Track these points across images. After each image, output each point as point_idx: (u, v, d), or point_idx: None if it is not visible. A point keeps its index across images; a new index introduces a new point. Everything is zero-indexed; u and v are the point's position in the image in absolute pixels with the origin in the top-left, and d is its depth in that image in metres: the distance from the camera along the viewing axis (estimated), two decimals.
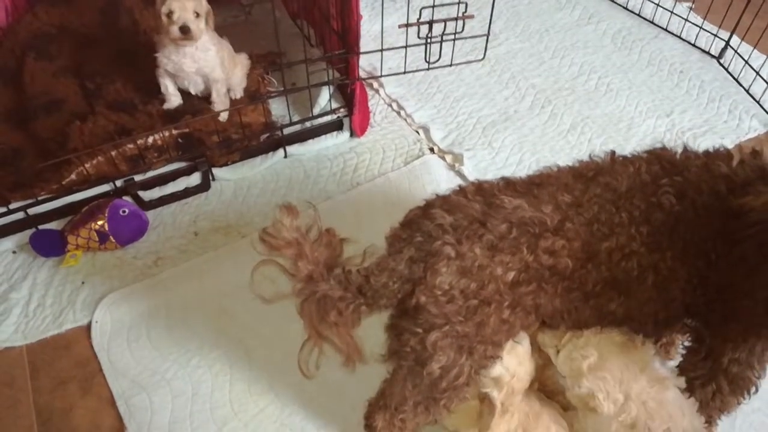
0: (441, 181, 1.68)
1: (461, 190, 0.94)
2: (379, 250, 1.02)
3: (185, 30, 1.50)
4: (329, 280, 0.95)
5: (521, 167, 1.70)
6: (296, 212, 1.01)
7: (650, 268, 0.90)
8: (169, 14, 1.50)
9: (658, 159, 0.95)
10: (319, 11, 1.77)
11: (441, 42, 1.59)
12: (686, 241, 0.89)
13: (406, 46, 1.60)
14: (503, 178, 0.95)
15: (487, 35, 1.64)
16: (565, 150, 1.74)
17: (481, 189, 0.93)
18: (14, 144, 1.66)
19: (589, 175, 0.94)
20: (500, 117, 1.85)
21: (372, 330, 1.06)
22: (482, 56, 1.70)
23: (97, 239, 1.48)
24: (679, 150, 0.97)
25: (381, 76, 1.67)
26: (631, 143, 1.75)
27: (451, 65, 1.67)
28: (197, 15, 1.53)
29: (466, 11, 1.53)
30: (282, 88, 1.73)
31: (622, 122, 1.82)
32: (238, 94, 1.78)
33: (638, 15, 2.21)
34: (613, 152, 0.99)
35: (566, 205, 0.89)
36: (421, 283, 0.88)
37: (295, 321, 1.05)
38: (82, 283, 1.46)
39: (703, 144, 1.74)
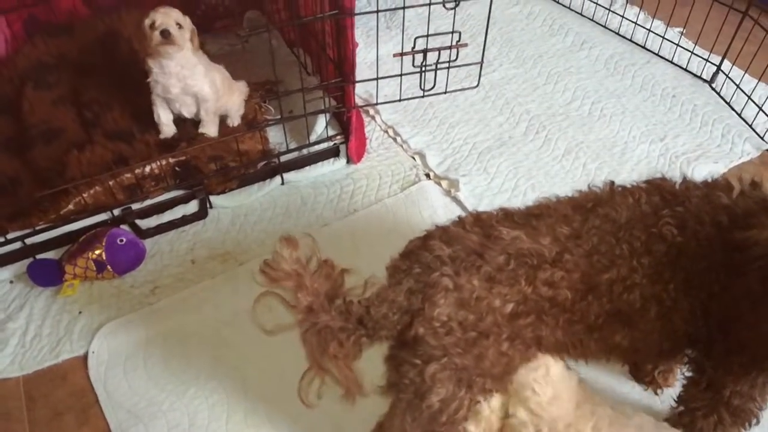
0: (437, 206, 1.69)
1: (460, 221, 0.95)
2: (379, 280, 1.02)
3: (166, 34, 1.52)
4: (330, 311, 0.95)
5: (517, 193, 1.71)
6: (296, 244, 1.02)
7: (653, 300, 0.90)
8: (152, 25, 1.52)
9: (658, 189, 0.96)
10: (316, 40, 1.79)
11: (435, 70, 1.61)
12: (688, 273, 0.90)
13: (401, 75, 1.62)
14: (502, 209, 0.96)
15: (481, 63, 1.66)
16: (560, 175, 1.76)
17: (480, 220, 0.94)
18: (12, 173, 1.66)
19: (588, 206, 0.95)
20: (495, 143, 1.86)
21: (372, 362, 1.06)
22: (476, 83, 1.72)
23: (94, 269, 1.48)
24: (679, 180, 0.98)
25: (377, 103, 1.68)
26: (626, 168, 1.76)
27: (446, 92, 1.69)
28: (180, 26, 1.55)
29: (459, 40, 1.55)
30: (279, 116, 1.74)
31: (616, 147, 1.84)
32: (236, 121, 1.79)
33: (630, 40, 2.24)
34: (612, 182, 1.00)
35: (565, 236, 0.90)
36: (419, 314, 0.88)
37: (293, 351, 1.05)
38: (80, 312, 1.46)
39: (697, 168, 1.75)
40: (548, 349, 0.95)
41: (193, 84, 1.62)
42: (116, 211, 1.58)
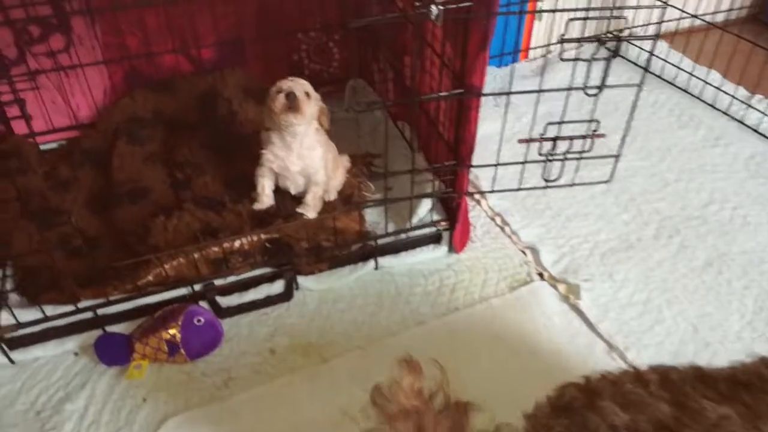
0: (553, 314, 1.46)
1: (638, 377, 0.73)
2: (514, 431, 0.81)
3: (291, 97, 1.39)
4: None
5: (650, 308, 1.46)
6: (420, 371, 0.82)
7: None
8: (278, 91, 1.41)
9: None
10: (427, 117, 1.64)
11: (564, 160, 1.42)
12: None
13: (524, 162, 1.44)
14: (694, 368, 0.74)
15: (617, 156, 1.46)
16: (701, 291, 1.50)
17: (668, 380, 0.71)
18: (92, 232, 1.56)
19: None
20: (621, 244, 1.63)
21: None
22: (608, 178, 1.51)
23: (166, 350, 1.33)
24: None
25: (493, 191, 1.50)
26: None
27: (572, 185, 1.49)
28: (308, 96, 1.44)
29: (597, 129, 1.37)
30: (379, 195, 1.59)
31: (766, 264, 1.57)
32: (332, 196, 1.65)
33: None
34: None
35: None
36: None
37: None
38: (144, 400, 1.29)
39: None
40: None
41: (310, 165, 1.50)
42: (197, 286, 1.43)
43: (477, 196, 1.80)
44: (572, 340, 1.40)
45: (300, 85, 1.44)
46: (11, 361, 1.36)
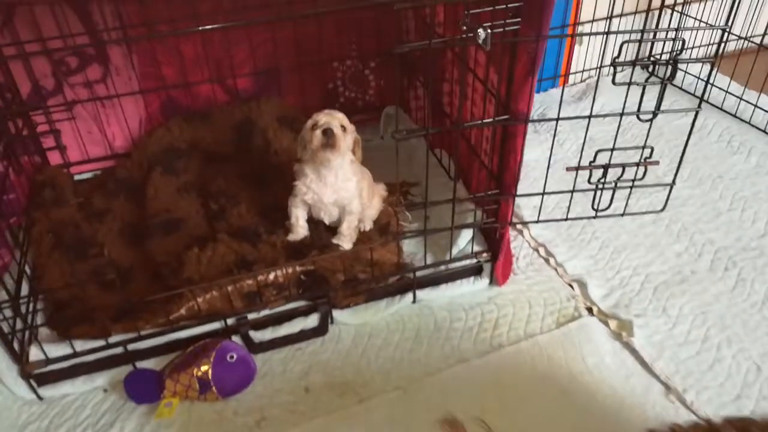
0: (604, 353, 1.37)
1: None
2: None
3: (329, 133, 1.35)
4: None
5: (708, 346, 1.36)
6: (462, 430, 0.75)
7: None
8: (314, 126, 1.36)
9: None
10: (467, 144, 1.59)
11: (614, 189, 1.34)
12: None
13: (573, 191, 1.37)
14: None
15: (672, 185, 1.38)
16: (762, 328, 1.40)
17: None
18: (126, 264, 1.53)
19: None
20: (674, 277, 1.54)
21: None
22: (662, 208, 1.43)
23: (197, 388, 1.27)
24: None
25: (539, 221, 1.43)
26: None
27: (623, 215, 1.41)
28: (344, 129, 1.39)
29: (651, 156, 1.29)
30: (417, 225, 1.53)
31: None
32: (368, 226, 1.59)
33: None
34: None
35: None
36: None
37: None
38: None
39: None
40: None
41: (345, 196, 1.45)
42: (230, 320, 1.38)
43: (519, 226, 1.73)
44: (626, 381, 1.31)
45: (336, 119, 1.39)
46: (39, 397, 1.32)
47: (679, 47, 1.17)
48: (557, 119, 1.24)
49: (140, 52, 1.78)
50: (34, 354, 1.29)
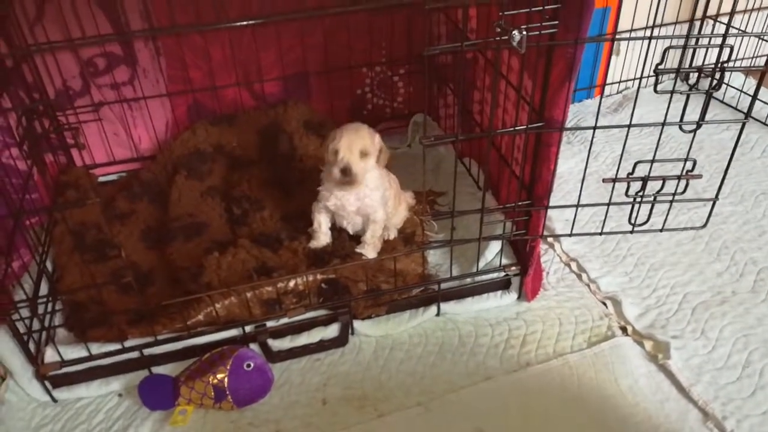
0: (639, 375, 1.30)
1: None
2: None
3: (347, 172, 1.31)
4: None
5: (750, 372, 1.28)
6: None
7: None
8: (335, 153, 1.32)
9: None
10: (498, 153, 1.53)
11: (653, 202, 1.27)
12: None
13: (609, 204, 1.30)
14: None
15: (714, 200, 1.30)
16: None
17: None
18: (145, 266, 1.51)
19: None
20: (714, 297, 1.46)
21: None
22: (703, 224, 1.35)
23: (212, 396, 1.24)
24: None
25: (572, 234, 1.36)
26: None
27: (662, 230, 1.34)
28: (364, 155, 1.34)
29: (693, 169, 1.22)
30: (443, 235, 1.47)
31: None
32: (392, 234, 1.55)
33: None
34: None
35: None
36: None
37: None
38: None
39: None
40: None
41: (369, 205, 1.41)
42: (248, 328, 1.35)
43: (550, 240, 1.67)
44: (662, 406, 1.23)
45: (357, 148, 1.32)
46: (54, 399, 1.30)
47: (727, 55, 1.10)
48: (594, 128, 1.18)
49: (168, 54, 1.77)
50: (50, 355, 1.27)
